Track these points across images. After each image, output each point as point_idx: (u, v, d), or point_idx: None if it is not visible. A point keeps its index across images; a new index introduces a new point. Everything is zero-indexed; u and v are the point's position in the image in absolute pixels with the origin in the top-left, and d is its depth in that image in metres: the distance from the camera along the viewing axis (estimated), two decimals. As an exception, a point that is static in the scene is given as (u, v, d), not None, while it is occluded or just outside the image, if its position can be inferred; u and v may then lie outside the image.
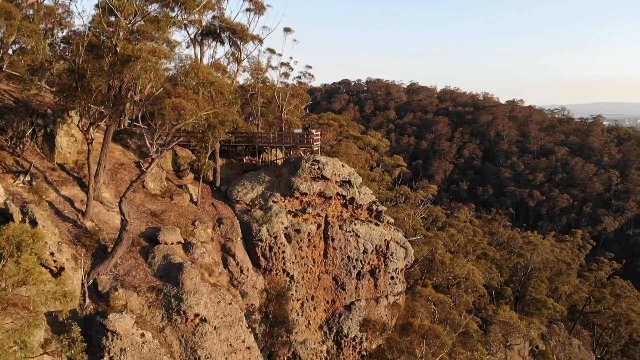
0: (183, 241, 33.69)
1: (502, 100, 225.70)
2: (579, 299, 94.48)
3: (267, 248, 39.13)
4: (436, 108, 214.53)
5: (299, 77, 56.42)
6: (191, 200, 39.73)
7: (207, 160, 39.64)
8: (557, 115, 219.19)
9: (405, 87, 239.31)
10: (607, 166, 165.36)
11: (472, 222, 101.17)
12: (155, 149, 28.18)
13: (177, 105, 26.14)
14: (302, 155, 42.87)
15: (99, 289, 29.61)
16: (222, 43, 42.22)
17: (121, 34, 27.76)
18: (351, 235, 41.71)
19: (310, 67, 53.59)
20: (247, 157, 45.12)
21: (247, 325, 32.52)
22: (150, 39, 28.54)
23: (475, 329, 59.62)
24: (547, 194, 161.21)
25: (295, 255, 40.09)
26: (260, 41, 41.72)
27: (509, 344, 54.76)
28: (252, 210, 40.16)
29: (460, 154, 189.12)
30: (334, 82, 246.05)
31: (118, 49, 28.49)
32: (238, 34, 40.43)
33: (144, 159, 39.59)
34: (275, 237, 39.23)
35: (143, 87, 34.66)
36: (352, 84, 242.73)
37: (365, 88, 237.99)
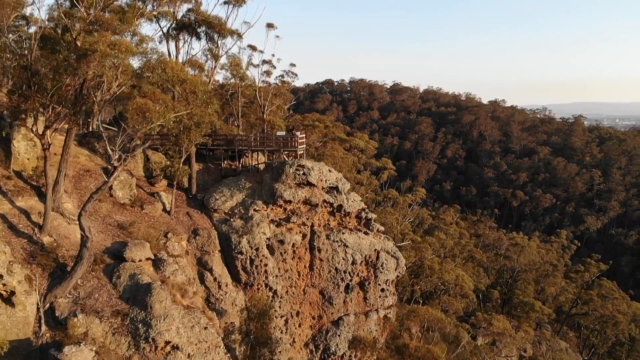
0: (153, 257, 29.92)
1: (484, 101, 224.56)
2: (565, 300, 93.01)
3: (248, 261, 35.56)
4: (419, 108, 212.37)
5: (282, 76, 52.84)
6: (164, 210, 35.95)
7: (181, 165, 35.89)
8: (538, 115, 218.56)
9: (388, 87, 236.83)
10: (589, 166, 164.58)
11: (458, 224, 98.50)
12: (117, 156, 24.39)
13: (141, 106, 22.41)
14: (286, 159, 39.35)
15: (57, 315, 25.85)
16: (199, 38, 38.44)
17: (77, 25, 23.89)
18: (339, 246, 38.31)
19: (293, 65, 50.07)
20: (226, 162, 41.39)
21: (226, 351, 28.89)
22: (113, 31, 24.74)
23: (468, 340, 56.88)
24: (530, 194, 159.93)
25: (279, 268, 36.57)
26: (240, 36, 38.07)
27: (503, 356, 51.83)
28: (232, 219, 36.52)
29: (444, 154, 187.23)
30: (317, 82, 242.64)
31: (78, 42, 24.73)
32: (215, 28, 36.74)
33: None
34: (257, 249, 35.66)
35: (110, 86, 30.85)
36: (336, 84, 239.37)
37: (349, 88, 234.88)
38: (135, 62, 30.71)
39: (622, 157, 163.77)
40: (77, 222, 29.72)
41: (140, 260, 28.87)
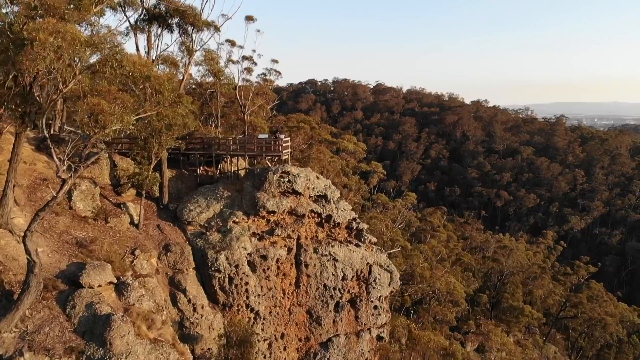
0: (116, 281, 25.63)
1: (467, 101, 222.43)
2: (554, 303, 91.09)
3: (227, 280, 31.42)
4: (402, 109, 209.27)
5: (264, 73, 48.64)
6: (132, 223, 31.63)
7: (150, 172, 31.61)
8: (521, 115, 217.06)
9: (372, 87, 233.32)
10: (572, 165, 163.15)
11: (446, 227, 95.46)
12: (66, 167, 20.12)
13: (94, 107, 18.18)
14: (269, 165, 35.27)
15: (1, 353, 21.54)
16: (171, 31, 34.11)
17: (16, 9, 19.58)
18: (328, 260, 34.36)
19: (276, 61, 45.86)
20: (202, 168, 37.11)
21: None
22: (62, 17, 20.42)
23: (461, 350, 53.58)
24: (514, 194, 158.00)
25: (262, 287, 32.49)
26: (217, 29, 33.84)
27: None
28: (208, 233, 32.34)
29: (427, 154, 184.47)
30: (300, 82, 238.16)
31: (25, 32, 20.42)
32: (189, 20, 32.49)
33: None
34: (237, 266, 31.54)
35: (66, 82, 26.44)
36: (319, 83, 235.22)
37: (332, 88, 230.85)
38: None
39: (605, 157, 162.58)
40: (27, 242, 25.44)
41: (99, 286, 24.56)
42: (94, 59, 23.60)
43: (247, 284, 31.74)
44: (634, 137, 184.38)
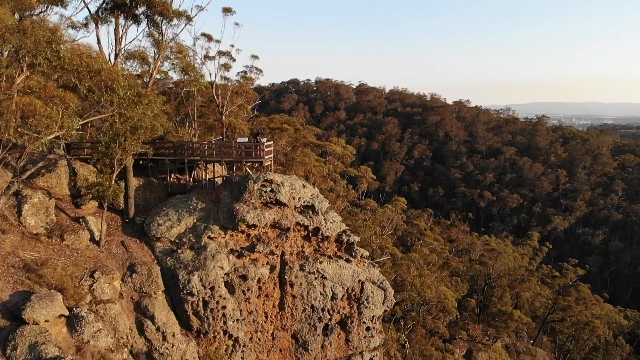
0: (67, 313, 21.44)
1: (449, 101, 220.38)
2: (541, 305, 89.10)
3: (201, 303, 27.41)
4: (385, 109, 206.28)
5: (244, 71, 44.50)
6: (92, 240, 27.40)
7: (113, 182, 27.38)
8: (502, 116, 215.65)
9: (355, 87, 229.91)
10: (554, 165, 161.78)
11: (433, 230, 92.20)
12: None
13: (24, 108, 14.04)
14: (250, 172, 31.26)
15: None
16: (138, 22, 29.88)
17: None
18: (315, 278, 30.51)
19: (256, 57, 41.64)
20: (173, 175, 32.92)
21: None
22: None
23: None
24: (497, 194, 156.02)
25: (241, 310, 28.53)
26: (189, 19, 29.69)
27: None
28: (179, 250, 28.27)
29: (411, 154, 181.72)
30: (283, 82, 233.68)
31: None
32: (157, 9, 28.32)
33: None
34: (212, 288, 27.54)
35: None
36: (301, 83, 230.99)
37: (315, 88, 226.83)
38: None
39: (587, 157, 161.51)
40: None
41: (47, 321, 20.38)
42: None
43: (224, 307, 27.77)
44: (614, 137, 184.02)
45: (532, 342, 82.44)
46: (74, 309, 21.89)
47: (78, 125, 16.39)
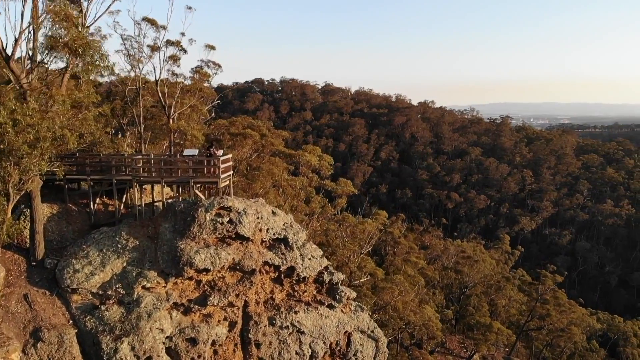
0: None
1: (414, 102, 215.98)
2: (516, 312, 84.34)
3: (133, 382, 19.21)
4: (352, 109, 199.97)
5: (200, 66, 36.26)
6: (-27, 299, 18.83)
7: (9, 215, 18.91)
8: (467, 116, 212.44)
9: (320, 87, 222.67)
10: (520, 166, 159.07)
11: (407, 237, 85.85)
12: None
13: None
14: (200, 196, 23.12)
15: None
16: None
17: None
18: (290, 333, 22.68)
19: (212, 47, 33.21)
20: (99, 200, 24.44)
21: None
22: None
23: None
24: (464, 195, 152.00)
25: (190, 385, 20.45)
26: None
27: None
28: (103, 307, 19.96)
29: (378, 156, 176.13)
30: (247, 81, 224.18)
31: None
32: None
33: None
34: (149, 359, 19.37)
35: None
36: (266, 83, 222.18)
37: (280, 88, 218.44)
38: None
39: (551, 157, 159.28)
40: None
41: None
42: None
43: (165, 385, 19.66)
44: (575, 137, 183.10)
45: (507, 349, 78.13)
46: None
47: None
